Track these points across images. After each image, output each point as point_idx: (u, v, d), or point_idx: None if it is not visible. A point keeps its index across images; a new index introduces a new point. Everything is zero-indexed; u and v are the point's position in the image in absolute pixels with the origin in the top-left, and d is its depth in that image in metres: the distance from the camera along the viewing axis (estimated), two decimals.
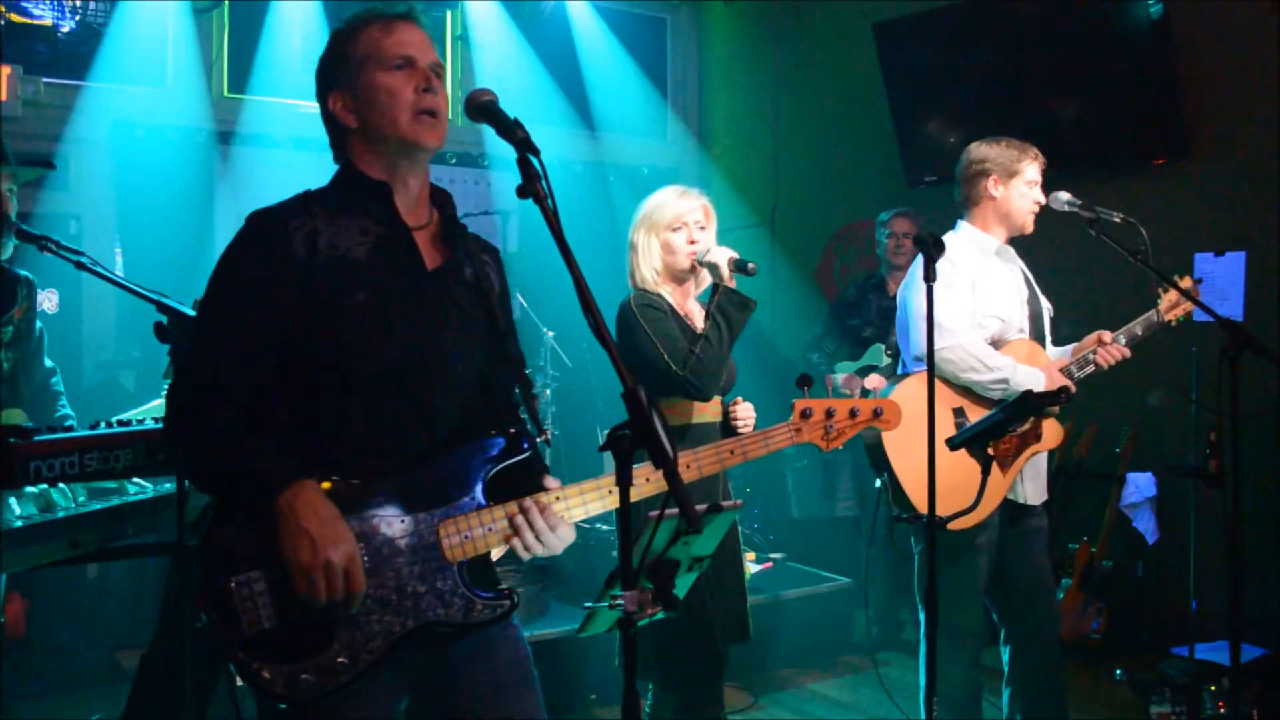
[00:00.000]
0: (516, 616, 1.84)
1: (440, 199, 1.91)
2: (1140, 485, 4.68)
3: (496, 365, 1.91)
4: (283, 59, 5.76)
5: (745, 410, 2.95)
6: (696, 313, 2.96)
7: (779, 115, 6.67)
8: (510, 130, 1.64)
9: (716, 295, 2.82)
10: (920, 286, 3.00)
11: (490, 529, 1.77)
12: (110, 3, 5.22)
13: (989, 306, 3.04)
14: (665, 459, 1.44)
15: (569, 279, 1.56)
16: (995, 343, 3.06)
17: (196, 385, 1.73)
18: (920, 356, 2.98)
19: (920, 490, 2.55)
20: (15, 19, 5.02)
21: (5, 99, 4.94)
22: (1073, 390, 3.03)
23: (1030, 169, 3.09)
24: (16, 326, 3.22)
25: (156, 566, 3.93)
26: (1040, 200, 3.12)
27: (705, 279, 2.94)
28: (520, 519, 1.78)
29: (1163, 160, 4.65)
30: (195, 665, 2.58)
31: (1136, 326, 3.11)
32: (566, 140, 6.67)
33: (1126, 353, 3.09)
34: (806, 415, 2.10)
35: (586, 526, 4.37)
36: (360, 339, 1.72)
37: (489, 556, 1.86)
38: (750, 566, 4.60)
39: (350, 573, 1.63)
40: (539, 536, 1.78)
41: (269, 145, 5.77)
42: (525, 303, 5.50)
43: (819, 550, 5.39)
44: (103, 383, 5.32)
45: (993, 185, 3.09)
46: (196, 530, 2.64)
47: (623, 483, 1.50)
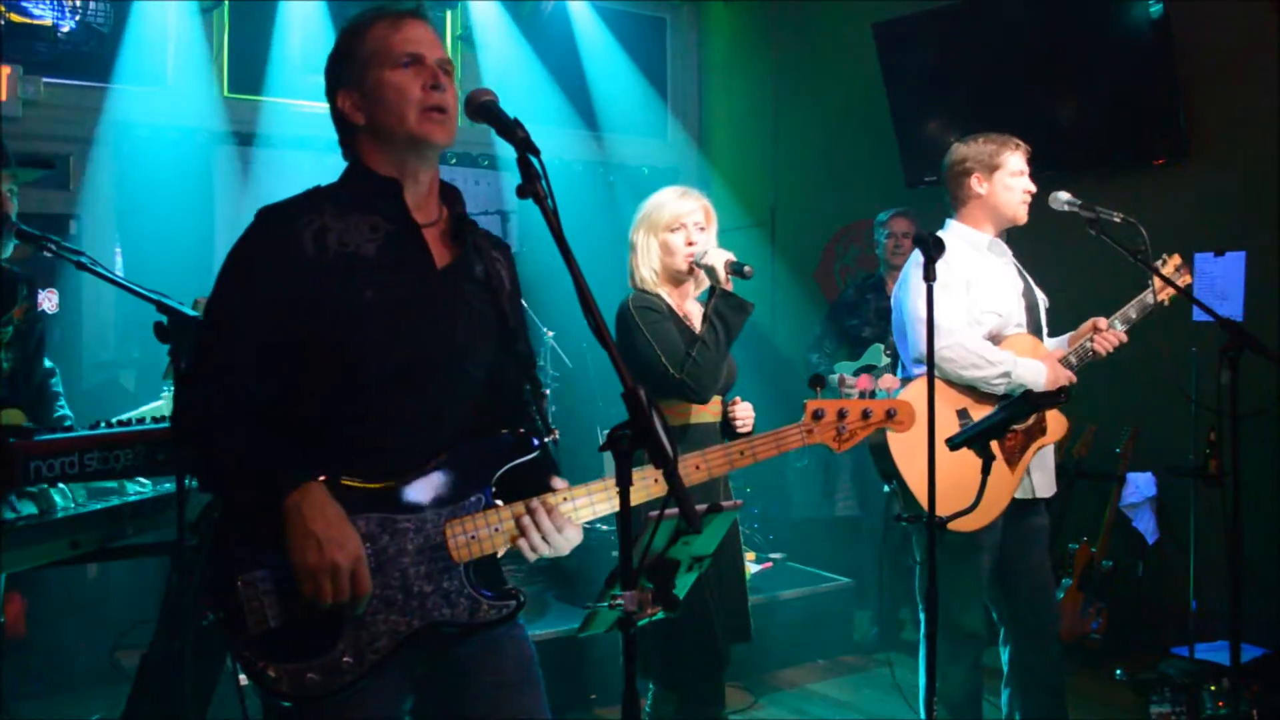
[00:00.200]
0: (518, 616, 1.83)
1: (450, 196, 1.90)
2: (1140, 485, 4.68)
3: (506, 364, 1.90)
4: (284, 59, 5.74)
5: (744, 410, 2.95)
6: (695, 313, 2.95)
7: (779, 115, 6.66)
8: (510, 130, 1.63)
9: (713, 298, 2.82)
10: (915, 289, 3.00)
11: (497, 529, 1.76)
12: (110, 3, 5.22)
13: (985, 303, 3.03)
14: (665, 459, 1.44)
15: (569, 279, 1.56)
16: (994, 338, 3.05)
17: (203, 383, 1.72)
18: (920, 358, 2.97)
19: (926, 491, 2.54)
20: (15, 19, 5.01)
21: (5, 99, 4.94)
22: (1074, 380, 3.02)
23: (1012, 159, 3.06)
24: (16, 327, 3.21)
25: (156, 566, 3.92)
26: (1030, 189, 3.09)
27: (704, 279, 2.93)
28: (527, 520, 1.77)
29: (1163, 160, 4.65)
30: (195, 665, 2.58)
31: (1131, 310, 3.09)
32: (566, 140, 6.67)
33: (1123, 338, 3.06)
34: (819, 416, 2.07)
35: (586, 526, 4.34)
36: (368, 337, 1.71)
37: (496, 557, 1.85)
38: (750, 566, 4.60)
39: (356, 574, 1.62)
40: (545, 537, 1.78)
41: (269, 145, 5.76)
42: (525, 303, 5.48)
43: (819, 550, 5.39)
44: (103, 383, 5.31)
45: (976, 183, 3.08)
46: (196, 530, 2.65)
47: (623, 483, 1.49)
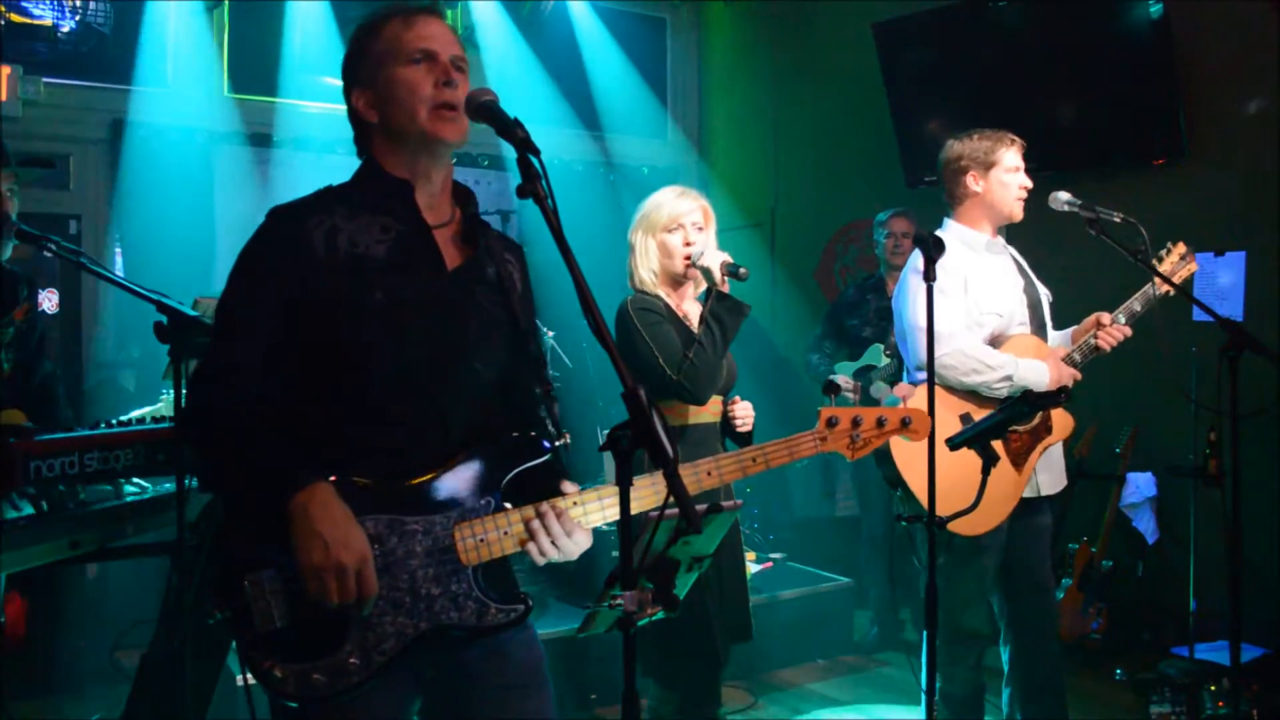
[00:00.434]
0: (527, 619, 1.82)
1: (463, 197, 1.89)
2: (1140, 485, 4.68)
3: (517, 366, 1.89)
4: (285, 59, 5.74)
5: (743, 409, 2.95)
6: (695, 314, 2.94)
7: (779, 115, 6.67)
8: (510, 130, 1.62)
9: (710, 300, 2.81)
10: (912, 296, 2.99)
11: (506, 532, 1.75)
12: (110, 3, 5.22)
13: (986, 304, 3.02)
14: (665, 459, 1.44)
15: (569, 279, 1.55)
16: (997, 339, 3.04)
17: (212, 383, 1.72)
18: (921, 366, 2.97)
19: (936, 496, 2.53)
20: (15, 19, 5.02)
21: (5, 99, 4.94)
22: (1078, 377, 3.00)
23: (1008, 155, 3.05)
24: (17, 327, 3.21)
25: (156, 566, 3.92)
26: (1026, 184, 3.08)
27: (703, 280, 2.92)
28: (536, 523, 1.76)
29: (1163, 160, 4.65)
30: (195, 665, 2.58)
31: (1135, 302, 3.06)
32: (566, 140, 6.67)
33: (1128, 331, 3.03)
34: (832, 424, 2.03)
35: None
36: (378, 338, 1.70)
37: (506, 560, 1.84)
38: (750, 566, 4.61)
39: (362, 575, 1.62)
40: (555, 542, 1.76)
41: (269, 145, 5.75)
42: None
43: (819, 550, 5.40)
44: (103, 383, 5.31)
45: (973, 181, 3.07)
46: (196, 530, 2.65)
47: (623, 482, 1.50)
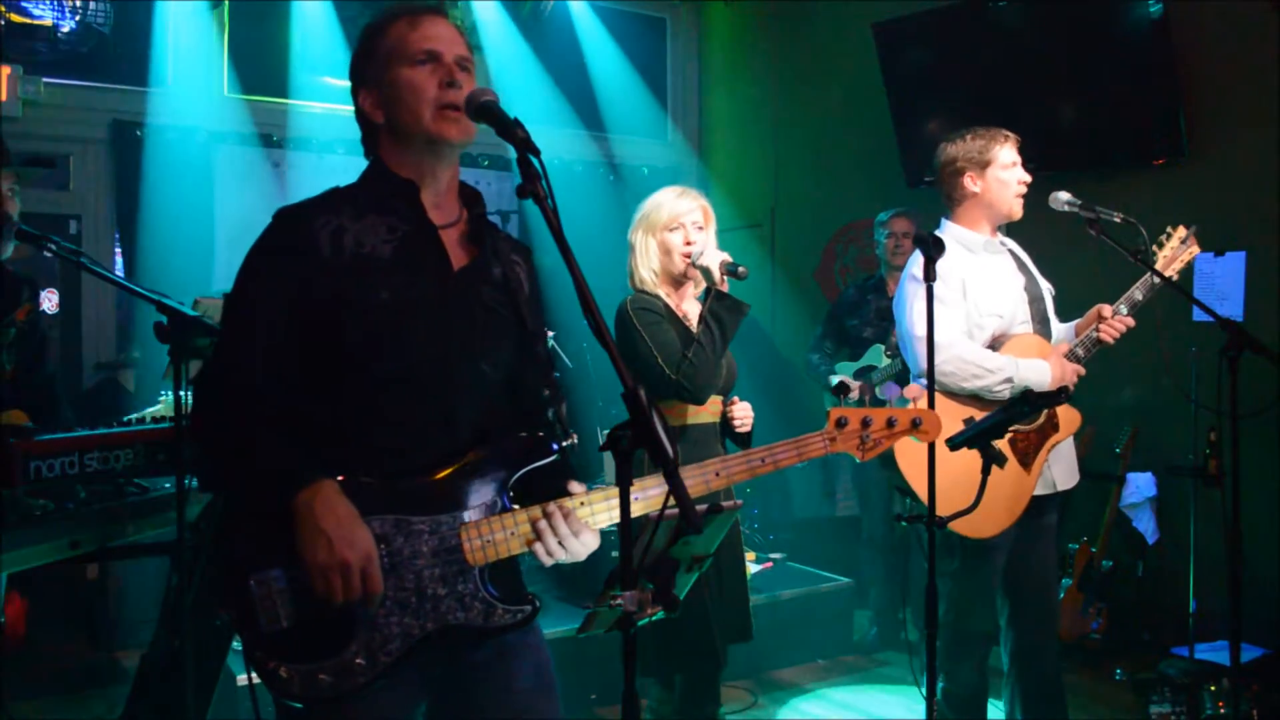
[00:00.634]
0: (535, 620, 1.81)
1: (470, 197, 1.89)
2: (1140, 485, 4.68)
3: (524, 367, 1.89)
4: (286, 59, 5.75)
5: (742, 409, 2.95)
6: (695, 313, 2.94)
7: (779, 115, 6.67)
8: (510, 130, 1.62)
9: (709, 299, 2.81)
10: (909, 304, 2.98)
11: (513, 533, 1.75)
12: (110, 3, 5.22)
13: (986, 306, 3.00)
14: (665, 458, 1.43)
15: (569, 279, 1.55)
16: (999, 339, 3.02)
17: (218, 382, 1.72)
18: (922, 374, 2.96)
19: (942, 498, 2.53)
20: (15, 19, 5.02)
21: (5, 99, 4.94)
22: (1082, 373, 2.98)
23: (1003, 152, 3.04)
24: (19, 328, 3.21)
25: (156, 566, 3.92)
26: (1025, 179, 3.06)
27: (703, 279, 2.93)
28: (543, 524, 1.75)
29: (1163, 160, 4.65)
30: (195, 665, 2.58)
31: (1136, 291, 3.01)
32: (566, 140, 6.67)
33: (1130, 322, 3.00)
34: (842, 424, 2.01)
35: None
36: (383, 338, 1.70)
37: (514, 561, 1.84)
38: (750, 566, 4.61)
39: (368, 574, 1.61)
40: (562, 542, 1.75)
41: (270, 145, 5.76)
42: None
43: (819, 550, 5.39)
44: (103, 383, 5.32)
45: (970, 182, 3.05)
46: (196, 530, 2.65)
47: (623, 482, 1.49)
